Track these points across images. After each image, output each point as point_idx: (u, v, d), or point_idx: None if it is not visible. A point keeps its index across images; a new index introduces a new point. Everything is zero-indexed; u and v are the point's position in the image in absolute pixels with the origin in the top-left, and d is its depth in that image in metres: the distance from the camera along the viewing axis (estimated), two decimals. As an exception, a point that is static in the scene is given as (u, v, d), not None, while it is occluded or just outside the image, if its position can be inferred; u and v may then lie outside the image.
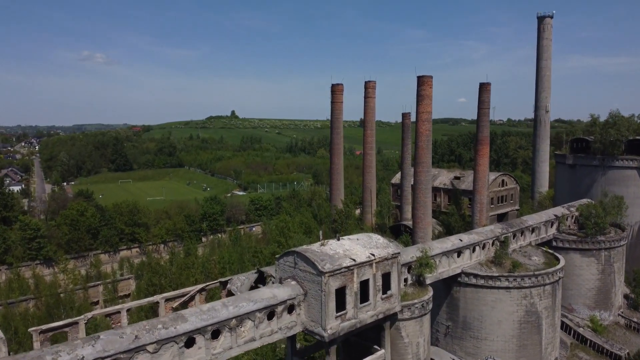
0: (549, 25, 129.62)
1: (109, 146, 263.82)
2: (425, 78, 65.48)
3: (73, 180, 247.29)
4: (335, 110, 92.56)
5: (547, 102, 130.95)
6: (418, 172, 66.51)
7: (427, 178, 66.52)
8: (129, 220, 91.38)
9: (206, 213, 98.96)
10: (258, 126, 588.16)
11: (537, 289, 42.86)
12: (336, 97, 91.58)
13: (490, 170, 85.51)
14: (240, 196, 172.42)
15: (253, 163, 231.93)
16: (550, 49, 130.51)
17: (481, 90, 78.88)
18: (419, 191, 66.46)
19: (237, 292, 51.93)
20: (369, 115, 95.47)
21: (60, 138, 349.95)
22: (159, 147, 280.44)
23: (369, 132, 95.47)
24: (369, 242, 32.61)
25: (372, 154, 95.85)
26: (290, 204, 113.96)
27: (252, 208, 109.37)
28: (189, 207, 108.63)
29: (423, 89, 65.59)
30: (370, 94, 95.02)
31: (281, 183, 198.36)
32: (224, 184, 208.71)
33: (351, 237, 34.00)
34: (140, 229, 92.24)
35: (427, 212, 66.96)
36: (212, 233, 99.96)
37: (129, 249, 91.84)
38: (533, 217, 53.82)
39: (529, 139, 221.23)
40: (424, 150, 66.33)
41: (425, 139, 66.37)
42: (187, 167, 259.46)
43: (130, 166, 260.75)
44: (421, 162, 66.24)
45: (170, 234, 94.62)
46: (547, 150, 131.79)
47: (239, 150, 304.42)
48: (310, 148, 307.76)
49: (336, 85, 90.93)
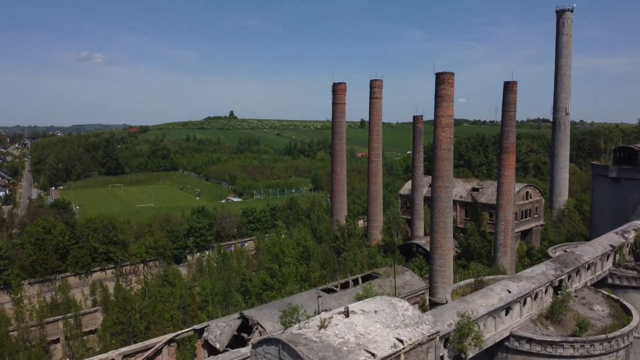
0: (569, 19, 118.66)
1: (100, 149, 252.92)
2: (446, 75, 54.59)
3: (62, 184, 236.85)
4: (337, 112, 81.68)
5: (568, 103, 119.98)
6: (437, 187, 55.58)
7: (447, 195, 55.60)
8: (103, 237, 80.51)
9: (192, 228, 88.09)
10: (257, 127, 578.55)
11: (610, 356, 32.01)
12: (338, 98, 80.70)
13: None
14: (234, 204, 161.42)
15: (250, 167, 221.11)
16: (571, 45, 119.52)
17: (506, 90, 67.98)
18: (437, 210, 55.55)
19: (215, 344, 41.06)
20: (375, 118, 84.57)
21: (51, 140, 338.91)
22: (152, 150, 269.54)
23: (374, 136, 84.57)
24: (392, 318, 21.71)
25: (378, 162, 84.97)
26: (286, 215, 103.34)
27: (244, 221, 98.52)
28: (174, 219, 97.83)
29: (443, 88, 54.68)
30: (376, 94, 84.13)
31: (279, 188, 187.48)
32: (218, 189, 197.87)
33: (365, 306, 22.93)
34: (117, 248, 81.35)
35: (448, 235, 56.05)
36: (198, 250, 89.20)
37: (103, 270, 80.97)
38: (586, 249, 42.85)
39: (540, 141, 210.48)
40: (444, 161, 55.41)
41: (445, 148, 55.45)
42: (182, 170, 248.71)
43: (122, 169, 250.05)
44: (441, 176, 55.31)
45: (151, 253, 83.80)
46: (567, 155, 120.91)
47: (236, 152, 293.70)
48: (310, 150, 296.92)
49: (338, 85, 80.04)
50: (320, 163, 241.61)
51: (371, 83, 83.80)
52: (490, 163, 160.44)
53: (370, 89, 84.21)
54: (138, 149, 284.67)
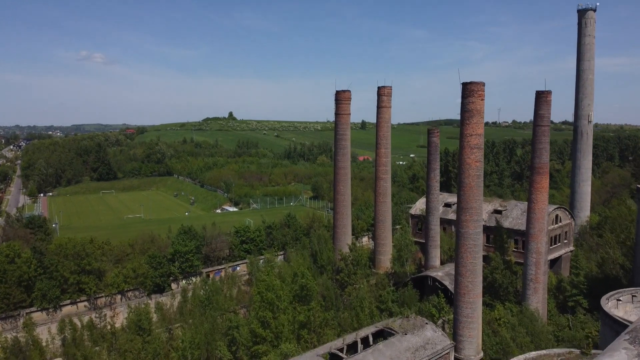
0: (592, 19, 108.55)
1: (92, 153, 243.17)
2: (475, 86, 44.77)
3: (51, 191, 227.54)
4: (340, 124, 71.76)
5: (590, 110, 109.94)
6: (464, 221, 45.77)
7: (477, 230, 45.78)
8: (75, 266, 70.77)
9: (177, 252, 78.34)
10: (256, 128, 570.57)
11: None
12: (342, 107, 70.81)
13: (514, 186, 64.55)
14: (229, 215, 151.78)
15: (247, 172, 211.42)
16: (594, 47, 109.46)
17: (539, 101, 58.19)
18: (464, 250, 45.74)
19: None
20: (383, 129, 74.74)
21: (43, 143, 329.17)
22: (146, 154, 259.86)
23: (382, 150, 74.80)
24: None
25: (387, 179, 75.21)
26: (283, 234, 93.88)
27: (236, 241, 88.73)
28: (159, 240, 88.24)
29: (471, 102, 44.86)
30: (384, 103, 74.34)
31: (277, 197, 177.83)
32: (213, 197, 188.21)
33: None
34: (90, 278, 71.57)
35: (477, 280, 46.25)
36: (184, 277, 79.49)
37: (74, 304, 71.17)
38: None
39: (552, 146, 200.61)
40: (472, 189, 45.62)
41: (474, 174, 45.67)
42: (176, 176, 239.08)
43: (115, 175, 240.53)
44: (469, 208, 45.50)
45: (130, 282, 74.04)
46: (590, 167, 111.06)
47: (234, 156, 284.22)
48: (310, 154, 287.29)
49: (342, 93, 70.11)
50: (320, 168, 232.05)
51: (379, 90, 74.03)
52: (502, 172, 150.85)
53: (378, 96, 74.44)
54: (132, 153, 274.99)
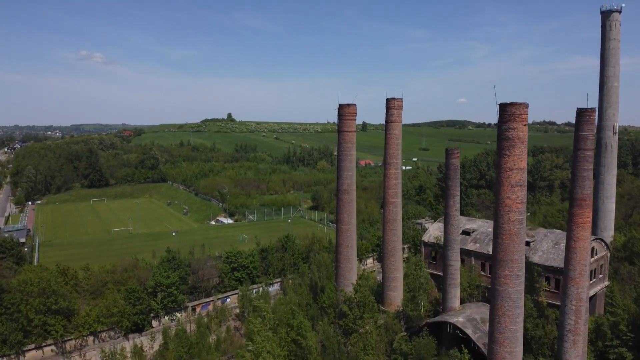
0: (617, 22, 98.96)
1: (83, 158, 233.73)
2: (516, 108, 35.54)
3: (40, 198, 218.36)
4: (345, 143, 62.05)
5: (615, 120, 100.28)
6: (502, 277, 36.56)
7: (518, 289, 36.50)
8: (40, 305, 61.62)
9: (158, 285, 69.22)
10: (255, 130, 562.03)
11: None
12: (346, 124, 61.30)
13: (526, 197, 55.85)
14: (223, 229, 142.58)
15: (243, 180, 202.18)
16: (619, 52, 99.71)
17: (580, 120, 49.02)
18: (502, 311, 36.53)
19: None
20: (393, 148, 65.43)
21: (35, 146, 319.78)
22: (140, 160, 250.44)
23: (392, 171, 65.56)
24: None
25: (397, 204, 66.00)
26: (279, 258, 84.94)
27: (227, 269, 79.59)
28: (141, 268, 79.08)
29: (512, 128, 35.64)
30: (394, 117, 65.09)
31: (274, 207, 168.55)
32: (207, 207, 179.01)
33: None
34: (57, 319, 62.39)
35: (517, 350, 37.01)
36: (167, 313, 70.40)
37: (39, 348, 61.98)
38: None
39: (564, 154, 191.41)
40: (513, 237, 36.32)
41: (515, 219, 36.33)
42: (171, 182, 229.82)
43: (106, 181, 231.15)
44: (508, 260, 36.26)
45: (104, 322, 64.86)
46: (614, 183, 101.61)
47: (231, 160, 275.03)
48: (310, 158, 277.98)
49: (346, 107, 60.55)
50: (321, 175, 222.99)
51: (388, 103, 64.79)
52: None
53: (387, 110, 65.21)
54: (126, 158, 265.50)
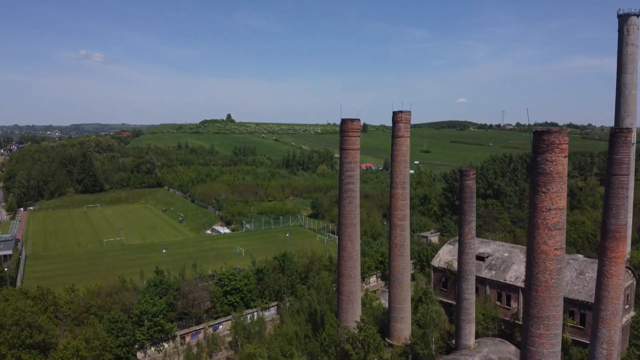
0: (635, 26, 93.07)
1: (77, 163, 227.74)
2: (555, 137, 29.55)
3: (33, 204, 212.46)
4: (347, 163, 55.98)
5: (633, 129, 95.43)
6: (535, 335, 30.52)
7: (554, 350, 30.74)
8: (13, 339, 55.93)
9: (144, 314, 63.50)
10: (255, 131, 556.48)
11: None
12: (349, 141, 55.17)
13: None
14: (220, 239, 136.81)
15: (241, 186, 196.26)
16: (637, 58, 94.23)
17: (615, 141, 43.24)
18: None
19: None
20: (400, 165, 59.61)
21: (30, 149, 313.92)
22: (136, 164, 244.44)
23: (399, 191, 59.75)
24: None
25: (405, 227, 60.21)
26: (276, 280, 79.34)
27: (219, 292, 73.85)
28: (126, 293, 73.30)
29: (550, 160, 29.76)
30: (401, 132, 59.23)
31: (273, 215, 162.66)
32: (203, 215, 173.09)
33: None
34: (34, 353, 56.71)
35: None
36: (153, 343, 64.76)
37: (11, 387, 56.31)
38: None
39: (570, 160, 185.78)
40: (549, 291, 30.17)
41: (553, 269, 30.44)
42: (167, 187, 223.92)
43: (101, 187, 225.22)
44: (543, 317, 30.20)
45: (84, 354, 59.11)
46: (632, 196, 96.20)
47: (229, 164, 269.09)
48: (310, 162, 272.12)
49: (349, 122, 54.48)
50: (321, 181, 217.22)
51: (395, 117, 59.00)
52: (523, 192, 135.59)
53: (394, 124, 59.43)
54: (121, 161, 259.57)
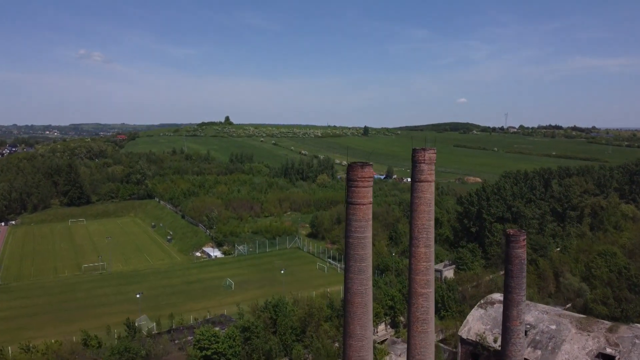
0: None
1: (63, 173, 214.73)
2: None
3: (15, 218, 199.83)
4: (355, 221, 41.76)
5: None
6: None
7: None
8: None
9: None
10: (253, 134, 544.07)
11: None
12: (359, 192, 41.28)
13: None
14: (208, 268, 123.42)
15: (235, 199, 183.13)
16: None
17: None
18: None
19: None
20: (423, 216, 45.62)
21: (17, 156, 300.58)
22: (126, 174, 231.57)
23: (422, 251, 45.90)
24: None
25: (429, 296, 46.43)
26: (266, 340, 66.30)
27: (198, 356, 60.69)
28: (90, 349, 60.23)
29: None
30: (425, 175, 45.34)
31: (268, 236, 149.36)
32: (194, 234, 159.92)
33: None
34: None
35: None
36: None
37: None
38: None
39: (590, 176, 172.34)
40: None
41: None
42: (158, 199, 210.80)
43: (88, 199, 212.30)
44: None
45: None
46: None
47: (225, 172, 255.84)
48: (309, 170, 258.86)
49: (359, 169, 40.23)
50: (321, 193, 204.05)
51: (415, 156, 45.17)
52: (543, 216, 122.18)
53: (414, 164, 45.65)
54: (110, 171, 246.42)
